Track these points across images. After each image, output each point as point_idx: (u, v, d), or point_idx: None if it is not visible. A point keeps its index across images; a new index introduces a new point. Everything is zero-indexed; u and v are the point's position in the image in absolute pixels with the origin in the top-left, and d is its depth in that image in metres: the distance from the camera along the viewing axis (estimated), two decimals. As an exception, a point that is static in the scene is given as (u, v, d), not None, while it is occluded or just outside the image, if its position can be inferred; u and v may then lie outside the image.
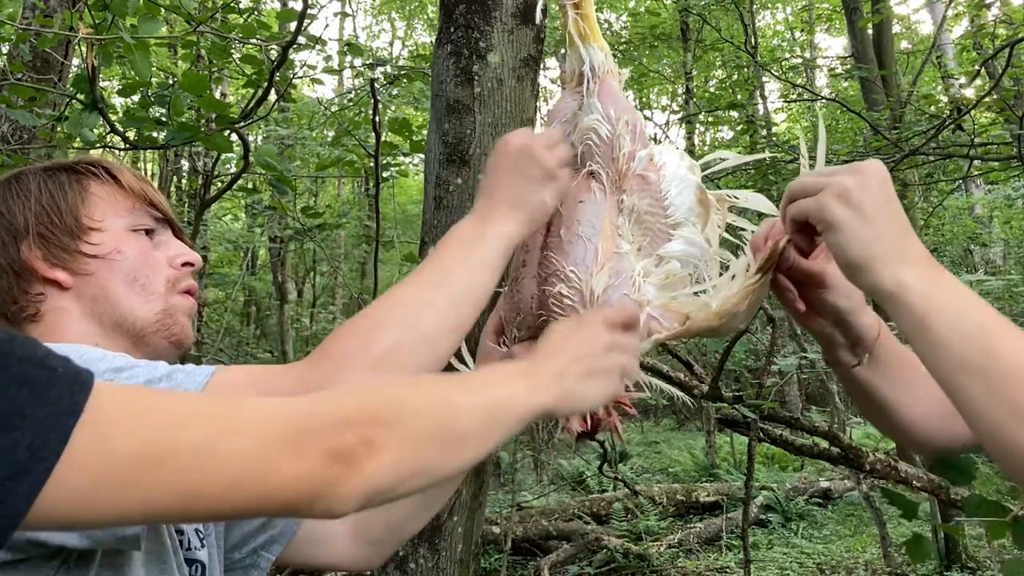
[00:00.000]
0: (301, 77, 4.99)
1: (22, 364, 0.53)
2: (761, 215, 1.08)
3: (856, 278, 0.82)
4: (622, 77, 1.09)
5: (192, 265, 0.95)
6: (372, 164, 4.45)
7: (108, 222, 0.91)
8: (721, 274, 1.03)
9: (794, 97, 9.51)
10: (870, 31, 7.06)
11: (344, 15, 8.42)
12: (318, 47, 3.96)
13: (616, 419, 1.00)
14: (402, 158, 4.95)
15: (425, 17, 15.64)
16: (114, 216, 0.91)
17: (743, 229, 1.09)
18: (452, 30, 1.61)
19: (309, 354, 0.82)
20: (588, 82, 1.06)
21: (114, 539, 0.70)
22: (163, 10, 3.08)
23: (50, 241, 0.88)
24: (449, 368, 0.98)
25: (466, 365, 1.12)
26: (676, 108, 11.52)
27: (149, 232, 0.94)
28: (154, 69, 3.58)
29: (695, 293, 1.01)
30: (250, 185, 5.21)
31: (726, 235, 1.07)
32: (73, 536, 0.68)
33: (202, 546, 0.92)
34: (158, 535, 0.83)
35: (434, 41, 1.74)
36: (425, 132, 1.95)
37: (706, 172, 1.10)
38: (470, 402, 0.72)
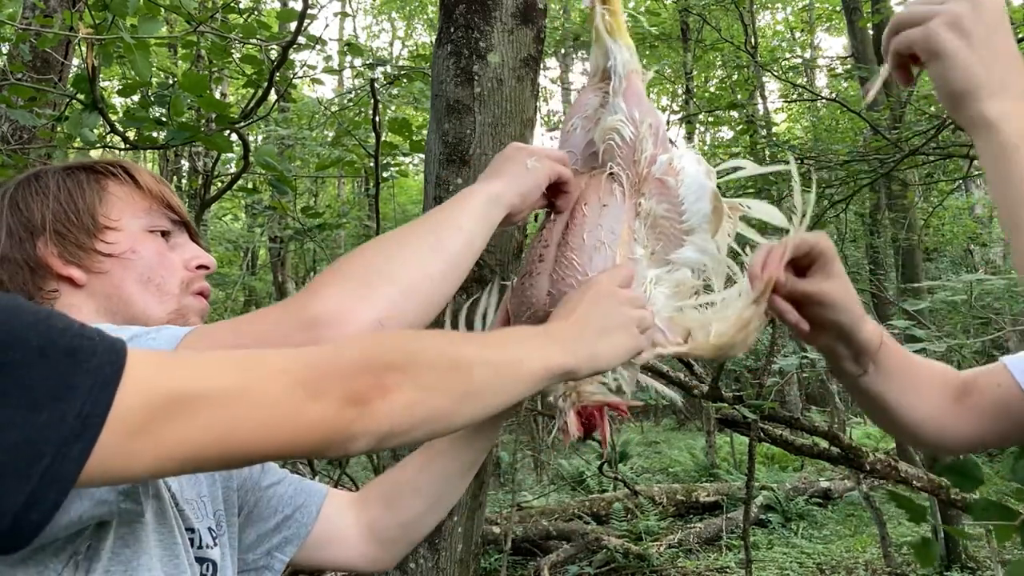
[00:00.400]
0: (301, 77, 4.99)
1: (64, 336, 0.57)
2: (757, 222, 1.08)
3: (956, 109, 0.80)
4: (645, 77, 1.08)
5: (207, 268, 0.96)
6: (372, 164, 4.44)
7: (125, 222, 0.91)
8: (727, 285, 1.02)
9: (794, 97, 9.52)
10: (870, 31, 7.07)
11: (344, 15, 8.42)
12: (318, 47, 3.96)
13: (607, 425, 1.00)
14: (402, 158, 4.94)
15: (425, 17, 15.66)
16: (131, 216, 0.92)
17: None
18: (452, 30, 1.61)
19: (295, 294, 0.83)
20: (615, 80, 1.05)
21: (100, 506, 0.69)
22: (163, 10, 3.08)
23: (66, 238, 0.88)
24: None
25: None
26: (676, 108, 11.53)
27: (165, 234, 0.94)
28: (154, 69, 3.58)
29: (701, 305, 1.01)
30: (250, 185, 5.20)
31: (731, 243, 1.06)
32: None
33: (214, 545, 0.92)
34: (170, 531, 0.83)
35: (434, 41, 1.74)
36: (425, 132, 1.95)
37: (722, 179, 1.09)
38: (484, 357, 0.75)
